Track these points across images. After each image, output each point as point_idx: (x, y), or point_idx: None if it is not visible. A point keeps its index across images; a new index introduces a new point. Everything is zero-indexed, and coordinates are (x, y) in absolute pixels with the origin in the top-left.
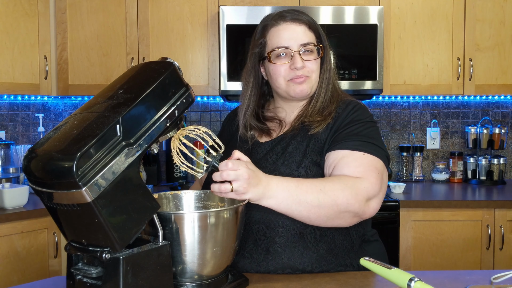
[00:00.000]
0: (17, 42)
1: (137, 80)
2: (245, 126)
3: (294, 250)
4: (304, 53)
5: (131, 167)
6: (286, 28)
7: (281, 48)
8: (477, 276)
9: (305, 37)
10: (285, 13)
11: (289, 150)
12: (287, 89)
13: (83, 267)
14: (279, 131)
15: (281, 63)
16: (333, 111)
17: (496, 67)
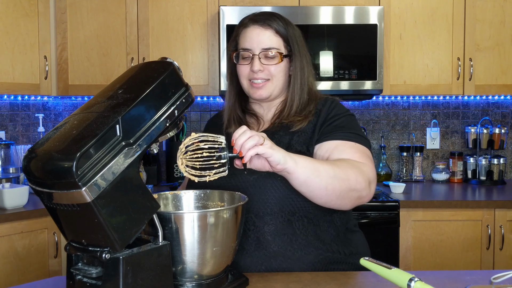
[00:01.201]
0: (17, 42)
1: (136, 80)
2: (229, 121)
3: (283, 237)
4: (266, 58)
5: (131, 167)
6: (253, 31)
7: (244, 50)
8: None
9: (269, 42)
10: (258, 16)
11: None
12: (249, 90)
13: (83, 267)
14: (258, 129)
15: (244, 64)
16: (312, 109)
17: (496, 67)
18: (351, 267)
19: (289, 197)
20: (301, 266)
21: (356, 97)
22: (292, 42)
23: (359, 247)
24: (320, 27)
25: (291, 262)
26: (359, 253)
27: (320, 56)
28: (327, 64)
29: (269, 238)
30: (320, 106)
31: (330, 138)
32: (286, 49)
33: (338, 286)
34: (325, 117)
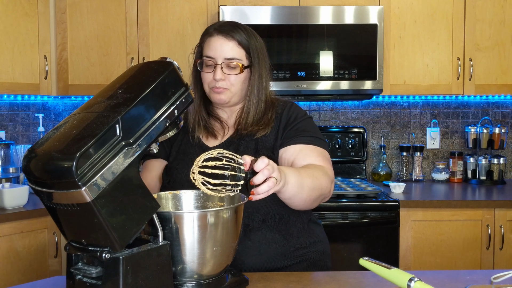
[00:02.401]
0: (17, 42)
1: (136, 80)
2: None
3: (258, 233)
4: (228, 68)
5: (130, 167)
6: (217, 40)
7: (208, 58)
8: (477, 276)
9: (231, 53)
10: (224, 26)
11: (241, 150)
12: (210, 95)
13: (83, 267)
14: (223, 134)
15: (207, 71)
16: (272, 116)
17: (496, 67)
18: (316, 254)
19: (265, 201)
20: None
21: (356, 97)
22: (253, 54)
23: (320, 236)
24: (320, 27)
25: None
26: (321, 241)
27: (320, 56)
28: (327, 64)
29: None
30: (280, 110)
31: (294, 142)
32: (248, 60)
33: (338, 286)
34: (286, 121)
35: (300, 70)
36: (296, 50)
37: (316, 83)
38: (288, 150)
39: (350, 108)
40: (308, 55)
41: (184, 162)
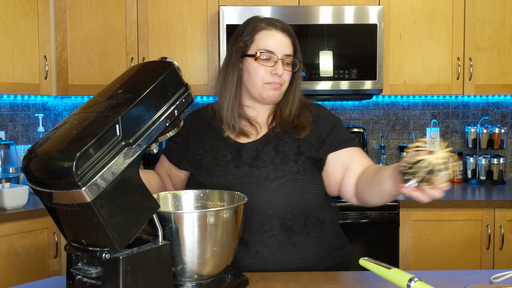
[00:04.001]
0: (17, 42)
1: (136, 80)
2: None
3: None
4: (284, 63)
5: (130, 167)
6: (276, 35)
7: (268, 51)
8: (477, 276)
9: (289, 49)
10: (277, 22)
11: (281, 150)
12: (261, 91)
13: (83, 267)
14: (256, 133)
15: (265, 65)
16: (309, 115)
17: (496, 67)
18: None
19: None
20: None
21: (356, 97)
22: (298, 52)
23: (345, 238)
24: (320, 27)
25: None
26: (347, 244)
27: (320, 56)
28: (327, 64)
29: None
30: (314, 112)
31: (345, 146)
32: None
33: (338, 286)
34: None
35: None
36: None
37: (316, 83)
38: (341, 153)
39: (350, 108)
40: (308, 55)
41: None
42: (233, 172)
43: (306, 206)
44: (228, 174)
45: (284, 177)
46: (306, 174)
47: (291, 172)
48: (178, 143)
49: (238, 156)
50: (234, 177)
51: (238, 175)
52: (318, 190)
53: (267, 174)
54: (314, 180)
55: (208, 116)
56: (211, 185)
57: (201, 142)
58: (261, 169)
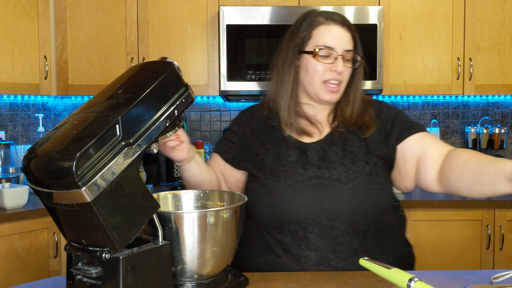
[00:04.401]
0: (17, 42)
1: (136, 80)
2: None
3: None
4: (344, 60)
5: (130, 167)
6: (335, 29)
7: (327, 47)
8: (477, 276)
9: (350, 44)
10: (336, 15)
11: (349, 150)
12: (318, 90)
13: (83, 267)
14: (319, 131)
15: (324, 62)
16: (372, 113)
17: (496, 67)
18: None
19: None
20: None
21: None
22: (358, 47)
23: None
24: None
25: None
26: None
27: None
28: None
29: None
30: (376, 108)
31: (411, 133)
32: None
33: (338, 286)
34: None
35: None
36: None
37: None
38: (408, 141)
39: None
40: None
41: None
42: (301, 173)
43: (379, 210)
44: (296, 175)
45: (357, 179)
46: (378, 175)
47: (363, 173)
48: (234, 142)
49: (303, 156)
50: (302, 179)
51: (306, 177)
52: (389, 192)
53: (338, 176)
54: (386, 181)
55: (264, 114)
56: (278, 188)
57: (260, 141)
58: (331, 171)
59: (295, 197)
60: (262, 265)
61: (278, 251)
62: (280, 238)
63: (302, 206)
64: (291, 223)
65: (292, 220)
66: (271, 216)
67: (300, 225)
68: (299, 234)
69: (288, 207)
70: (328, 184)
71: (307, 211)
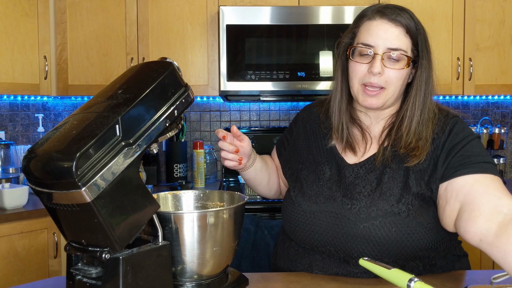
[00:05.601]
0: (17, 42)
1: (136, 80)
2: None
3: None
4: (389, 60)
5: (130, 167)
6: (379, 25)
7: (365, 45)
8: (477, 276)
9: (396, 42)
10: (387, 9)
11: (385, 181)
12: (358, 95)
13: (83, 267)
14: (365, 149)
15: (361, 62)
16: (429, 136)
17: (495, 67)
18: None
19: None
20: None
21: None
22: (421, 46)
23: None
24: (320, 27)
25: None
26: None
27: (320, 56)
28: (327, 64)
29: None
30: (439, 127)
31: (462, 173)
32: (413, 54)
33: (338, 286)
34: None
35: (300, 70)
36: (296, 50)
37: (316, 83)
38: (455, 182)
39: None
40: (308, 55)
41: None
42: (325, 196)
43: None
44: (320, 197)
45: (378, 217)
46: (409, 216)
47: (389, 212)
48: (289, 140)
49: (337, 177)
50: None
51: (328, 203)
52: (422, 232)
53: (358, 211)
54: (418, 223)
55: (320, 118)
56: (300, 207)
57: (307, 148)
58: (353, 202)
59: (311, 221)
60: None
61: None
62: (302, 251)
63: (316, 233)
64: (306, 243)
65: (307, 242)
66: (291, 231)
67: (313, 248)
68: (316, 254)
69: (304, 229)
70: (344, 217)
71: (320, 239)
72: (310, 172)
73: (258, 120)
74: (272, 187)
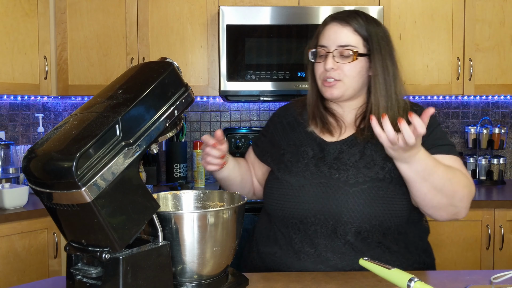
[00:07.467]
0: (17, 42)
1: (136, 80)
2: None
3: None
4: (340, 56)
5: (130, 167)
6: (330, 28)
7: (321, 47)
8: (477, 276)
9: (345, 39)
10: (340, 13)
11: (368, 153)
12: (321, 89)
13: (83, 267)
14: (340, 132)
15: (319, 62)
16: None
17: (495, 67)
18: None
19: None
20: None
21: None
22: (371, 41)
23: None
24: None
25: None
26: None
27: None
28: None
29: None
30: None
31: (435, 152)
32: (366, 48)
33: (338, 286)
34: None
35: (300, 70)
36: (296, 50)
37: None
38: None
39: None
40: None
41: (298, 153)
42: (312, 171)
43: (386, 217)
44: (306, 172)
45: (366, 183)
46: (392, 182)
47: (375, 178)
48: (265, 135)
49: (321, 154)
50: (312, 177)
51: (316, 175)
52: (404, 202)
53: (346, 178)
54: (401, 190)
55: (296, 111)
56: (287, 182)
57: (285, 138)
58: (340, 172)
59: (301, 194)
60: (267, 254)
61: (282, 244)
62: (285, 231)
63: (306, 203)
64: (294, 218)
65: (296, 216)
66: (278, 209)
67: (302, 221)
68: (301, 231)
69: (293, 202)
70: (334, 184)
71: (310, 209)
72: (293, 154)
73: (258, 120)
74: (244, 185)
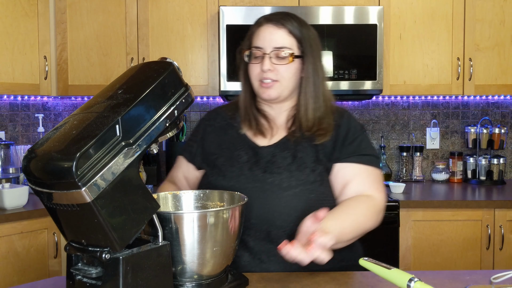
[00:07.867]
0: (17, 42)
1: (136, 80)
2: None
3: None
4: (277, 58)
5: (130, 167)
6: (265, 30)
7: (256, 48)
8: (477, 276)
9: (281, 41)
10: (273, 15)
11: (299, 156)
12: (258, 90)
13: (83, 267)
14: (271, 134)
15: (255, 63)
16: (331, 122)
17: (495, 67)
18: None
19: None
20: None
21: (356, 97)
22: (305, 43)
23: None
24: (320, 27)
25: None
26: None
27: None
28: (326, 64)
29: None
30: (337, 117)
31: (354, 161)
32: (299, 50)
33: (338, 286)
34: (345, 132)
35: None
36: None
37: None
38: (346, 168)
39: (350, 109)
40: None
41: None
42: (246, 176)
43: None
44: (241, 176)
45: (298, 186)
46: (323, 184)
47: (306, 181)
48: (195, 141)
49: (254, 159)
50: (246, 181)
51: (251, 179)
52: (334, 204)
53: (280, 182)
54: (331, 192)
55: (228, 115)
56: (222, 187)
57: (218, 141)
58: (274, 176)
59: None
60: None
61: None
62: None
63: None
64: None
65: None
66: None
67: None
68: None
69: None
70: (268, 189)
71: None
72: (227, 159)
73: None
74: None
